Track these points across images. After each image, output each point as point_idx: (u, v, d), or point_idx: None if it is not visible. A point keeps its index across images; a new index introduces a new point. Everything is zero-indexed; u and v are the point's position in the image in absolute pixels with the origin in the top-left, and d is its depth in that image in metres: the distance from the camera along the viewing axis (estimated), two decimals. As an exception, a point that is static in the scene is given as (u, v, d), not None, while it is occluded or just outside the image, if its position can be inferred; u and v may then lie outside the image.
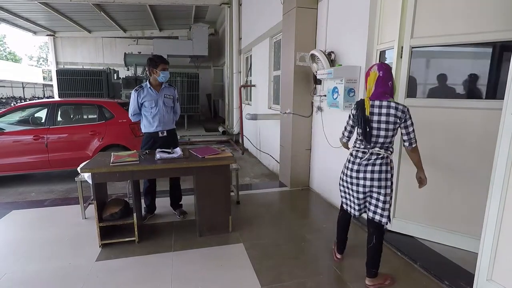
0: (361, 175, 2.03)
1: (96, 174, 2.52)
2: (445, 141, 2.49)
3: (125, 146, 4.49)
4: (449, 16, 2.35)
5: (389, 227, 2.88)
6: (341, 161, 3.43)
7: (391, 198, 2.07)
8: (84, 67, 13.15)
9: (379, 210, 2.03)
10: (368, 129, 1.97)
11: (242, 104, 7.41)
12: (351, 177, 2.09)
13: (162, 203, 3.40)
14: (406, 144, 2.01)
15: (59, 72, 10.11)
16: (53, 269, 2.34)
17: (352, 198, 2.15)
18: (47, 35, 13.17)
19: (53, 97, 15.11)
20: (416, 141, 2.00)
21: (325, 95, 3.61)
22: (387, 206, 2.02)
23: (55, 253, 2.56)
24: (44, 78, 29.69)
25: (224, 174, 2.81)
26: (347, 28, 3.28)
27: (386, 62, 2.91)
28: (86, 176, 2.85)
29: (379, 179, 1.99)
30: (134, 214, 2.67)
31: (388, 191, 2.02)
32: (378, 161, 1.99)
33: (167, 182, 3.34)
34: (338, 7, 3.44)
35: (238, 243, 2.74)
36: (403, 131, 1.98)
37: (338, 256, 2.45)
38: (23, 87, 25.36)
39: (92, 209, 2.72)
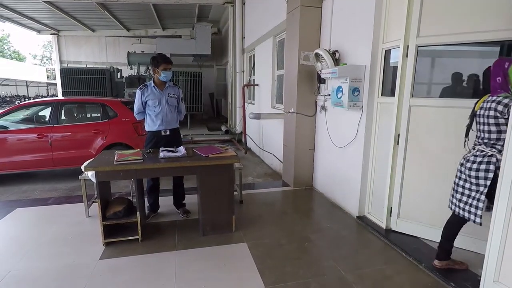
0: (461, 167, 2.07)
1: (100, 172, 2.52)
2: (455, 142, 2.35)
3: (128, 144, 4.50)
4: (456, 15, 2.31)
5: (393, 227, 2.87)
6: (345, 160, 3.48)
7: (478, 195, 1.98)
8: (87, 66, 13.17)
9: (461, 205, 2.06)
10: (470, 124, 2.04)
11: (245, 103, 7.40)
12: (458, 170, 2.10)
13: (165, 202, 3.40)
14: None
15: (63, 71, 10.17)
16: (57, 267, 2.34)
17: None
18: (51, 34, 13.23)
19: (57, 96, 15.18)
20: None
21: (329, 95, 3.59)
22: (470, 201, 2.00)
23: (59, 251, 2.57)
24: (48, 77, 29.81)
25: (228, 173, 2.80)
26: (352, 27, 3.26)
27: (391, 61, 2.89)
28: (90, 174, 2.86)
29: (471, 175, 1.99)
30: (138, 213, 2.67)
31: (474, 187, 1.98)
32: (478, 159, 1.94)
33: (171, 181, 3.33)
34: (343, 6, 3.41)
35: (241, 242, 2.73)
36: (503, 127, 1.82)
37: (437, 263, 2.26)
38: (27, 86, 25.55)
39: (95, 208, 2.72)
